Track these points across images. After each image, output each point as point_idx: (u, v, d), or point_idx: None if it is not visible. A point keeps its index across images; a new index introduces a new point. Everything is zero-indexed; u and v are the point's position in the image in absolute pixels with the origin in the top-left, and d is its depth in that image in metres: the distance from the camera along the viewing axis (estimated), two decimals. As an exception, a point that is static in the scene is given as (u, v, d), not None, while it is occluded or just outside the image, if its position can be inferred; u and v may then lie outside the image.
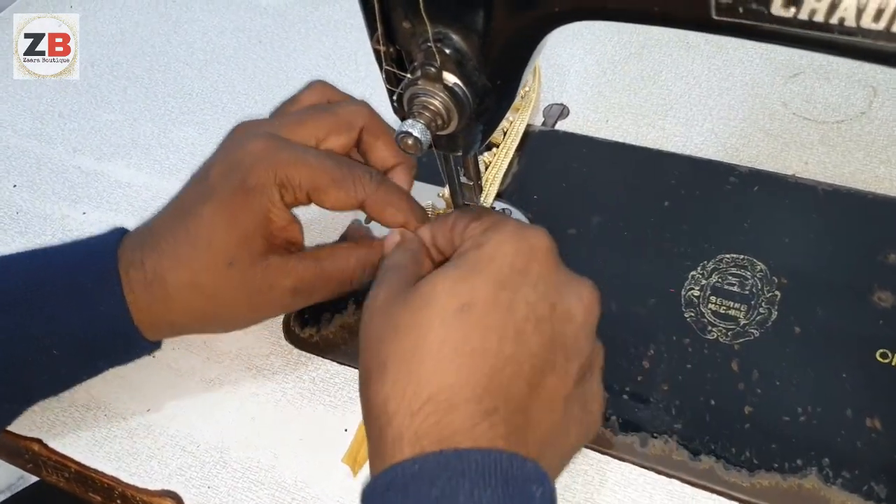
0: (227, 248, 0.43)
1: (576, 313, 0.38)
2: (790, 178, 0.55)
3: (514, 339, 0.36)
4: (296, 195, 0.45)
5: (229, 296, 0.44)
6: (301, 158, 0.44)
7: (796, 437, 0.44)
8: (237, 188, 0.44)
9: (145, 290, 0.44)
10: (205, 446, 0.48)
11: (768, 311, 0.49)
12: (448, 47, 0.37)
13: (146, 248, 0.44)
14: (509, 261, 0.37)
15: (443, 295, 0.36)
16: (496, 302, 0.36)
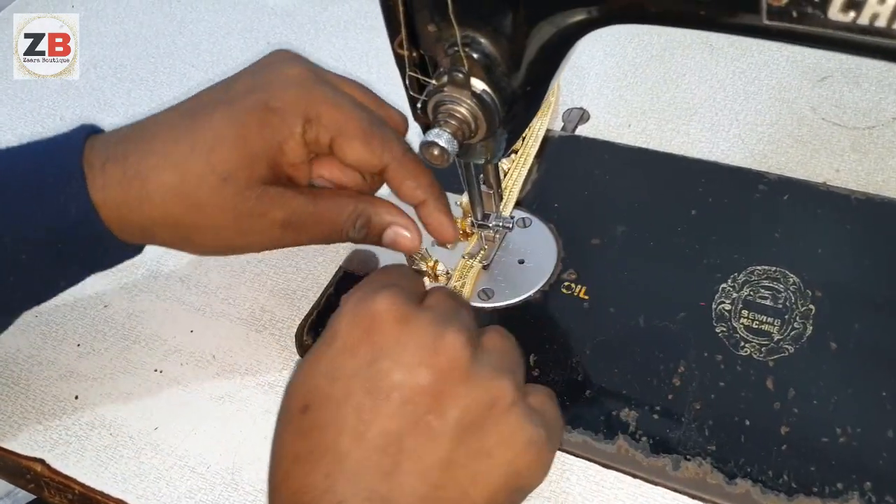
0: (226, 162, 0.40)
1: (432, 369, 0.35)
2: (821, 186, 0.53)
3: (353, 430, 0.34)
4: (319, 136, 0.41)
5: (214, 212, 0.41)
6: (336, 100, 0.41)
7: (836, 460, 0.42)
8: (259, 104, 0.40)
9: (120, 187, 0.39)
10: (215, 467, 0.46)
11: (803, 326, 0.47)
12: (476, 52, 0.35)
13: (131, 142, 0.40)
14: (345, 342, 0.35)
15: (290, 398, 0.36)
16: (331, 394, 0.35)
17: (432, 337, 0.35)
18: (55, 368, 0.51)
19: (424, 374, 0.34)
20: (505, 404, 0.35)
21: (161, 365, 0.51)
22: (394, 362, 0.34)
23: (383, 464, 0.33)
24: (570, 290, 0.50)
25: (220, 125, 0.40)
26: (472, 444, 0.34)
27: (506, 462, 0.35)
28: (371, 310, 0.35)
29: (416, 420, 0.34)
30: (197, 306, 0.53)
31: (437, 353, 0.35)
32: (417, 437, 0.34)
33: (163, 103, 0.69)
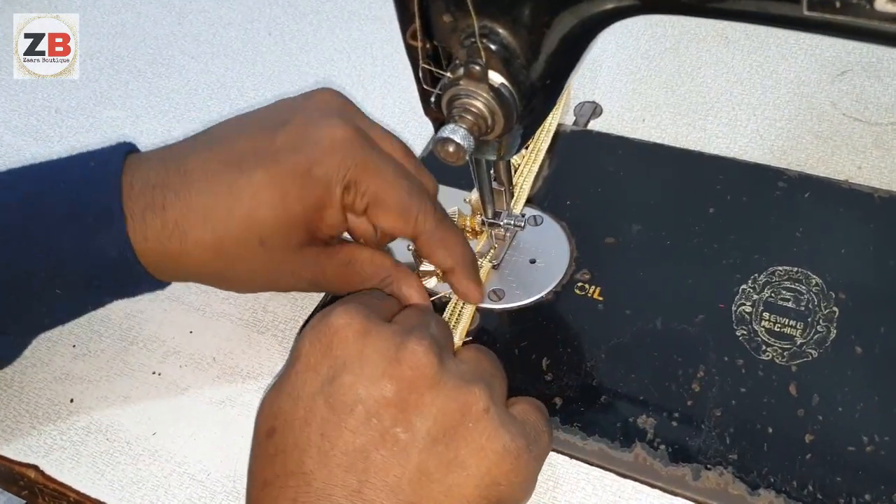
0: (265, 227, 0.39)
1: (394, 380, 0.34)
2: (843, 184, 0.51)
3: (316, 450, 0.33)
4: (356, 202, 0.41)
5: (249, 269, 0.41)
6: (379, 167, 0.41)
7: (863, 469, 0.40)
8: (301, 169, 0.39)
9: (159, 242, 0.39)
10: (216, 475, 0.44)
11: (826, 329, 0.45)
12: (494, 43, 0.33)
13: (170, 191, 0.39)
14: (306, 362, 0.35)
15: (258, 424, 0.36)
16: (294, 417, 0.34)
17: (394, 347, 0.34)
18: (50, 370, 0.49)
19: (387, 385, 0.33)
20: (476, 412, 0.34)
21: (159, 367, 0.49)
22: (355, 376, 0.34)
23: (350, 482, 0.32)
24: (583, 290, 0.49)
25: (260, 187, 0.39)
26: (444, 454, 0.33)
27: (481, 473, 0.33)
28: (330, 325, 0.35)
29: (382, 433, 0.33)
30: (197, 306, 0.52)
31: (400, 363, 0.34)
32: (385, 450, 0.33)
33: (161, 96, 0.67)
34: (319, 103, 0.42)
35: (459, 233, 0.45)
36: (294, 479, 0.33)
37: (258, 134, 0.41)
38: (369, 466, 0.32)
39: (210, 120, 0.65)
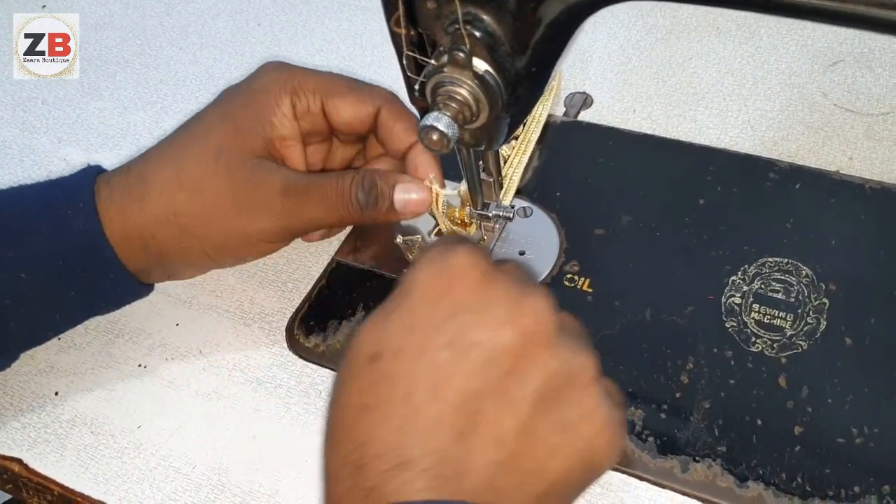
0: (218, 139, 0.43)
1: (514, 331, 0.32)
2: (834, 175, 0.51)
3: (428, 384, 0.32)
4: (309, 105, 0.44)
5: (212, 187, 0.43)
6: (315, 71, 0.46)
7: (852, 461, 0.40)
8: (243, 90, 0.45)
9: (122, 192, 0.43)
10: (201, 468, 0.43)
11: (816, 321, 0.45)
12: (479, 30, 0.33)
13: (136, 160, 0.45)
14: (424, 294, 0.33)
15: (357, 347, 0.34)
16: (407, 346, 0.32)
17: (517, 297, 0.33)
18: (34, 363, 0.49)
19: (508, 333, 0.32)
20: (586, 379, 0.33)
21: (145, 360, 0.48)
22: (478, 318, 0.32)
23: (458, 424, 0.31)
24: (572, 282, 0.48)
25: (209, 117, 0.44)
26: (552, 415, 0.32)
27: (585, 438, 0.33)
28: (453, 264, 0.34)
29: (496, 382, 0.32)
30: (183, 298, 0.51)
31: (523, 315, 0.33)
32: (496, 399, 0.32)
33: (149, 87, 0.67)
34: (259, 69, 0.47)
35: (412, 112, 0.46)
36: (402, 409, 0.31)
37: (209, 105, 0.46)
38: (479, 411, 0.31)
39: (197, 110, 0.64)
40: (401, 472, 0.30)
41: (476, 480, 0.31)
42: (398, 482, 0.30)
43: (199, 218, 0.43)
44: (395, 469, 0.30)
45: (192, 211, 0.42)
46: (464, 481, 0.31)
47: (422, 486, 0.30)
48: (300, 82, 0.44)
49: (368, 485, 0.31)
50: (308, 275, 0.51)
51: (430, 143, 0.34)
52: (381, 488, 0.30)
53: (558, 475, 0.33)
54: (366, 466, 0.31)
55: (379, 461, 0.31)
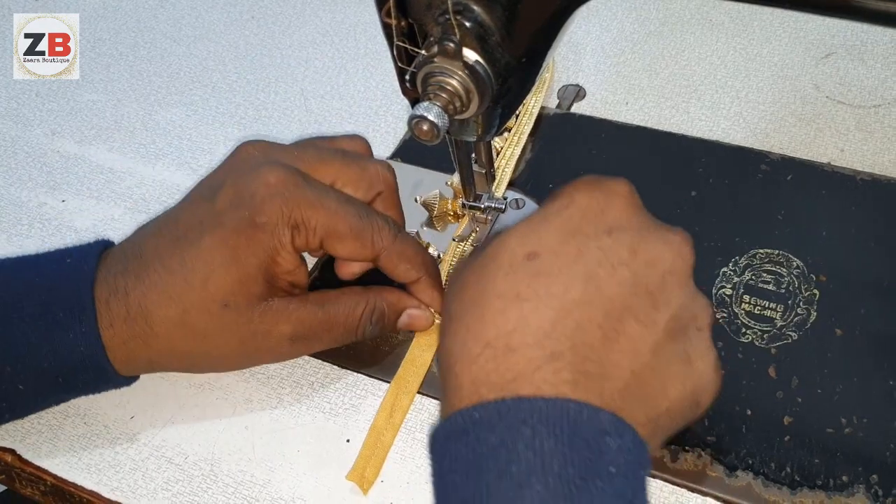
0: (223, 288, 0.40)
1: (662, 258, 0.35)
2: (826, 167, 0.51)
3: (583, 285, 0.33)
4: (308, 240, 0.41)
5: (220, 338, 0.41)
6: (320, 200, 0.41)
7: (841, 452, 0.40)
8: (244, 223, 0.40)
9: (125, 325, 0.40)
10: (193, 458, 0.44)
11: (807, 312, 0.45)
12: (469, 20, 0.33)
13: (131, 276, 0.40)
14: (582, 208, 0.36)
15: (510, 247, 0.35)
16: (564, 250, 0.34)
17: (665, 232, 0.36)
18: (27, 354, 0.49)
19: (659, 258, 0.35)
20: (704, 322, 0.36)
21: (138, 351, 0.48)
22: (633, 237, 0.35)
23: (605, 327, 0.33)
24: (564, 273, 0.48)
25: (209, 252, 0.40)
26: (678, 345, 0.35)
27: (699, 373, 0.35)
28: (610, 187, 0.36)
29: (640, 299, 0.34)
30: (176, 290, 0.51)
31: (671, 246, 0.35)
32: (637, 317, 0.34)
33: (143, 79, 0.67)
34: (245, 157, 0.43)
35: (417, 243, 0.46)
36: (557, 302, 0.33)
37: (199, 204, 0.42)
38: (622, 321, 0.33)
39: (192, 102, 0.64)
40: (552, 361, 0.32)
41: (613, 385, 0.33)
42: (548, 371, 0.32)
43: (205, 360, 0.43)
44: (546, 358, 0.32)
45: (199, 353, 0.42)
46: (604, 383, 0.32)
47: (568, 378, 0.32)
48: (303, 217, 0.40)
49: (517, 368, 0.32)
50: (301, 266, 0.51)
51: (421, 134, 0.34)
52: (528, 375, 0.32)
53: (673, 400, 0.34)
54: (516, 351, 0.32)
55: (530, 349, 0.32)
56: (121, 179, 0.59)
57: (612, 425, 0.31)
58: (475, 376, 0.32)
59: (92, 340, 0.39)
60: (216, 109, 0.64)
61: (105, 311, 0.40)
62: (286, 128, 0.61)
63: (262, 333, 0.41)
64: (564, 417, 0.30)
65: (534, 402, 0.31)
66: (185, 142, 0.61)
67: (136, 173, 0.59)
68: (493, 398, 0.31)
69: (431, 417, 0.44)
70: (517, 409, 0.31)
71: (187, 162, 0.60)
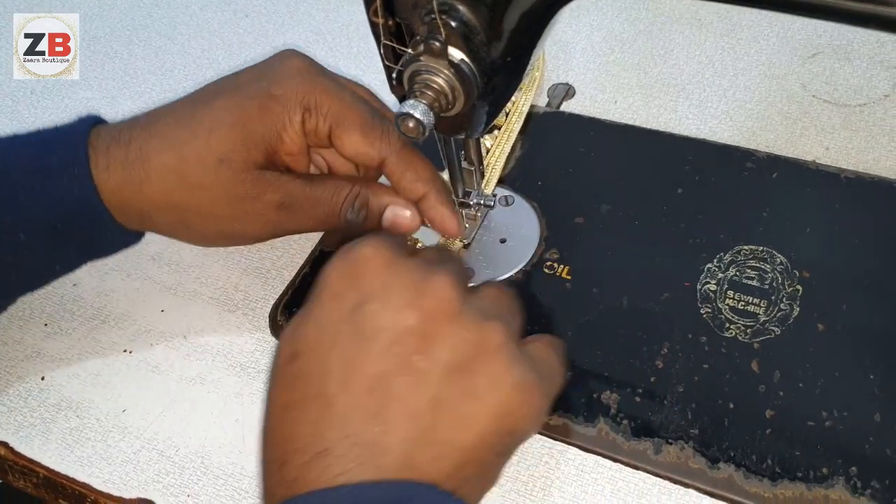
0: (223, 144, 0.41)
1: (418, 309, 0.34)
2: (811, 165, 0.52)
3: (340, 374, 0.33)
4: (318, 126, 0.42)
5: (211, 193, 0.42)
6: (337, 91, 0.43)
7: (822, 444, 0.41)
8: (261, 92, 0.42)
9: (122, 169, 0.41)
10: (184, 451, 0.44)
11: (790, 307, 0.45)
12: (454, 20, 0.33)
13: (137, 127, 0.42)
14: (331, 290, 0.35)
15: (280, 350, 0.36)
16: (318, 342, 0.34)
17: (419, 279, 0.35)
18: (21, 348, 0.49)
19: (411, 315, 0.34)
20: (493, 346, 0.34)
21: (130, 345, 0.49)
22: (380, 305, 0.34)
23: (370, 406, 0.33)
24: (552, 269, 0.49)
25: (221, 110, 0.42)
26: (460, 384, 0.34)
27: (494, 404, 0.34)
28: (357, 256, 0.35)
29: (403, 361, 0.33)
30: (168, 285, 0.52)
31: (424, 295, 0.34)
32: (405, 378, 0.33)
33: (138, 77, 0.67)
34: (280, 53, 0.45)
35: (426, 159, 0.45)
36: (316, 402, 0.33)
37: (225, 78, 0.44)
38: (390, 392, 0.33)
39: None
40: (319, 460, 0.32)
41: (393, 458, 0.32)
42: (317, 470, 0.32)
43: (195, 214, 0.43)
44: (313, 459, 0.32)
45: (190, 207, 0.42)
46: (381, 460, 0.32)
47: (340, 471, 0.32)
48: (317, 100, 0.42)
49: (291, 477, 0.32)
50: (292, 262, 0.52)
51: (407, 130, 0.35)
52: (302, 478, 0.32)
53: (472, 443, 0.33)
54: (288, 462, 0.32)
55: (298, 455, 0.32)
56: (115, 176, 0.60)
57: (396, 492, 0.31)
58: (269, 489, 0.33)
59: (85, 182, 0.40)
60: (210, 107, 0.64)
61: (103, 156, 0.41)
62: (279, 125, 0.62)
63: (251, 197, 0.42)
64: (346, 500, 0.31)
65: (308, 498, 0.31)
66: (179, 139, 0.62)
67: (129, 170, 0.60)
68: None
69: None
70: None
71: (181, 159, 0.60)
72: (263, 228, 0.45)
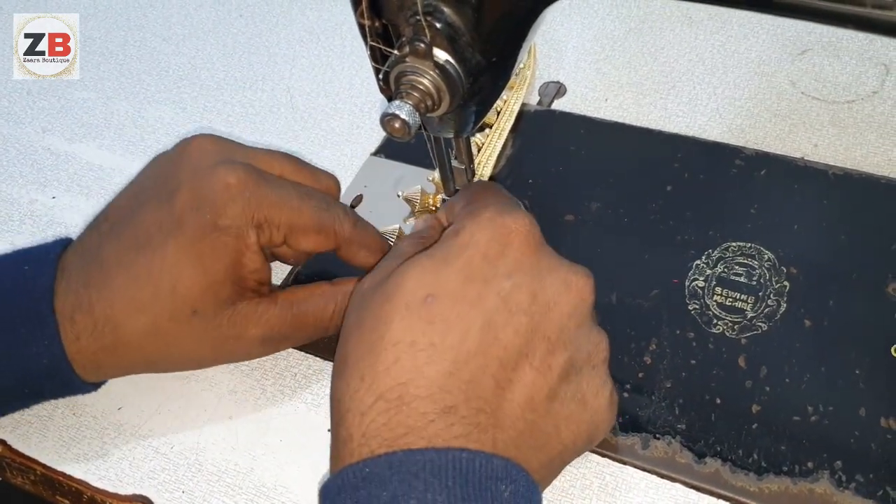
0: (192, 295, 0.39)
1: (560, 302, 0.35)
2: (799, 162, 0.52)
3: (480, 334, 0.33)
4: (272, 237, 0.41)
5: (191, 344, 0.41)
6: (282, 198, 0.40)
7: (807, 439, 0.41)
8: (207, 227, 0.39)
9: (92, 338, 0.39)
10: (179, 448, 0.45)
11: (777, 304, 0.46)
12: (439, 21, 0.34)
13: (93, 287, 0.39)
14: (482, 250, 0.35)
15: (408, 286, 0.34)
16: (463, 294, 0.34)
17: (567, 273, 0.36)
18: (18, 347, 0.50)
19: (558, 303, 0.35)
20: (599, 359, 0.37)
21: (126, 344, 0.49)
22: (532, 281, 0.35)
23: (500, 377, 0.33)
24: (542, 267, 0.49)
25: (175, 259, 0.39)
26: (572, 386, 0.35)
27: (593, 411, 0.36)
28: (513, 226, 0.36)
29: (536, 345, 0.34)
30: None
31: (570, 290, 0.35)
32: (533, 363, 0.34)
33: (132, 77, 0.68)
34: (198, 154, 0.42)
35: (372, 226, 0.46)
36: (450, 355, 0.33)
37: (156, 207, 0.40)
38: (518, 370, 0.34)
39: (181, 100, 0.65)
40: (444, 415, 0.32)
41: (506, 434, 0.33)
42: (440, 425, 0.32)
43: (176, 363, 0.43)
44: (439, 412, 0.32)
45: (168, 358, 0.42)
46: (497, 433, 0.33)
47: (461, 432, 0.32)
48: (266, 216, 0.40)
49: (409, 423, 0.32)
50: (285, 261, 0.53)
51: (393, 131, 0.35)
52: (420, 430, 0.32)
53: (568, 442, 0.35)
54: (408, 405, 0.32)
55: (423, 402, 0.32)
56: (110, 176, 0.60)
57: (504, 471, 0.31)
58: (366, 430, 0.32)
59: (56, 353, 0.39)
60: (204, 107, 0.65)
61: (70, 326, 0.39)
62: (273, 125, 0.62)
63: (232, 337, 0.41)
64: (456, 467, 0.30)
65: (425, 453, 0.31)
66: (174, 139, 0.61)
67: (124, 170, 0.60)
68: (384, 452, 0.31)
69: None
70: (408, 463, 0.30)
71: (175, 159, 0.61)
72: (248, 358, 0.45)
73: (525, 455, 0.33)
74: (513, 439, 0.33)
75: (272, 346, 0.43)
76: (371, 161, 0.57)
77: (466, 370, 0.33)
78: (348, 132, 0.60)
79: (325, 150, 0.59)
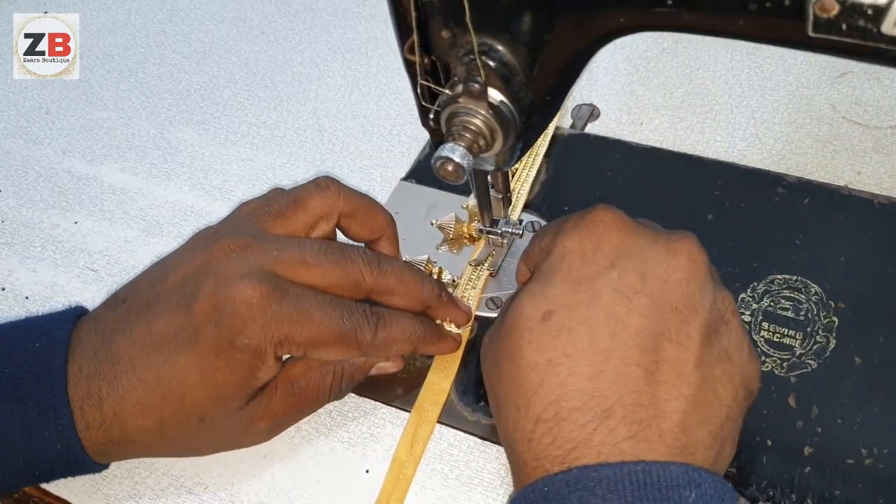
0: (200, 405, 0.38)
1: (673, 271, 0.35)
2: (843, 190, 0.51)
3: (607, 328, 0.33)
4: (292, 351, 0.39)
5: (198, 443, 0.41)
6: (303, 314, 0.38)
7: (863, 483, 0.40)
8: (224, 344, 0.37)
9: (101, 430, 0.38)
10: (213, 488, 0.44)
11: (826, 340, 0.45)
12: (493, 60, 0.33)
13: (104, 380, 0.38)
14: (578, 253, 0.36)
15: (525, 313, 0.35)
16: (576, 300, 0.34)
17: (665, 241, 0.36)
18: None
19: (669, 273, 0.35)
20: (731, 314, 0.36)
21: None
22: (636, 261, 0.35)
23: (644, 363, 0.33)
24: (582, 299, 0.48)
25: (186, 370, 0.38)
26: (715, 346, 0.35)
27: (740, 363, 0.35)
28: (597, 221, 0.37)
29: (666, 319, 0.34)
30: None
31: (677, 255, 0.35)
32: (669, 336, 0.34)
33: (153, 96, 0.67)
34: (222, 256, 0.39)
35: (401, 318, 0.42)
36: (589, 356, 0.33)
37: (174, 309, 0.38)
38: (658, 350, 0.33)
39: (203, 121, 0.64)
40: (604, 420, 0.32)
41: (670, 421, 0.32)
42: (603, 432, 0.32)
43: (187, 454, 0.43)
44: (598, 418, 0.32)
45: (175, 452, 0.42)
46: (661, 423, 0.32)
47: (626, 434, 0.32)
48: (287, 334, 0.38)
49: (573, 437, 0.32)
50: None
51: (446, 174, 0.34)
52: (586, 442, 0.32)
53: (730, 402, 0.34)
54: (567, 419, 0.32)
55: (579, 413, 0.32)
56: (133, 200, 0.59)
57: (685, 477, 0.31)
58: (536, 453, 0.33)
59: (69, 440, 0.38)
60: (227, 128, 0.63)
61: (80, 416, 0.38)
62: (299, 147, 0.61)
63: (240, 432, 0.40)
64: (633, 482, 0.30)
65: (600, 469, 0.31)
66: (198, 161, 0.61)
67: (148, 194, 0.59)
68: (558, 470, 0.32)
69: (451, 447, 0.44)
70: (585, 479, 0.31)
71: (200, 182, 0.60)
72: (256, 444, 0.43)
73: (695, 435, 0.33)
74: (678, 423, 0.33)
75: (279, 430, 0.42)
76: (402, 186, 0.56)
77: (609, 368, 0.33)
78: (377, 156, 0.59)
79: (353, 175, 0.58)
